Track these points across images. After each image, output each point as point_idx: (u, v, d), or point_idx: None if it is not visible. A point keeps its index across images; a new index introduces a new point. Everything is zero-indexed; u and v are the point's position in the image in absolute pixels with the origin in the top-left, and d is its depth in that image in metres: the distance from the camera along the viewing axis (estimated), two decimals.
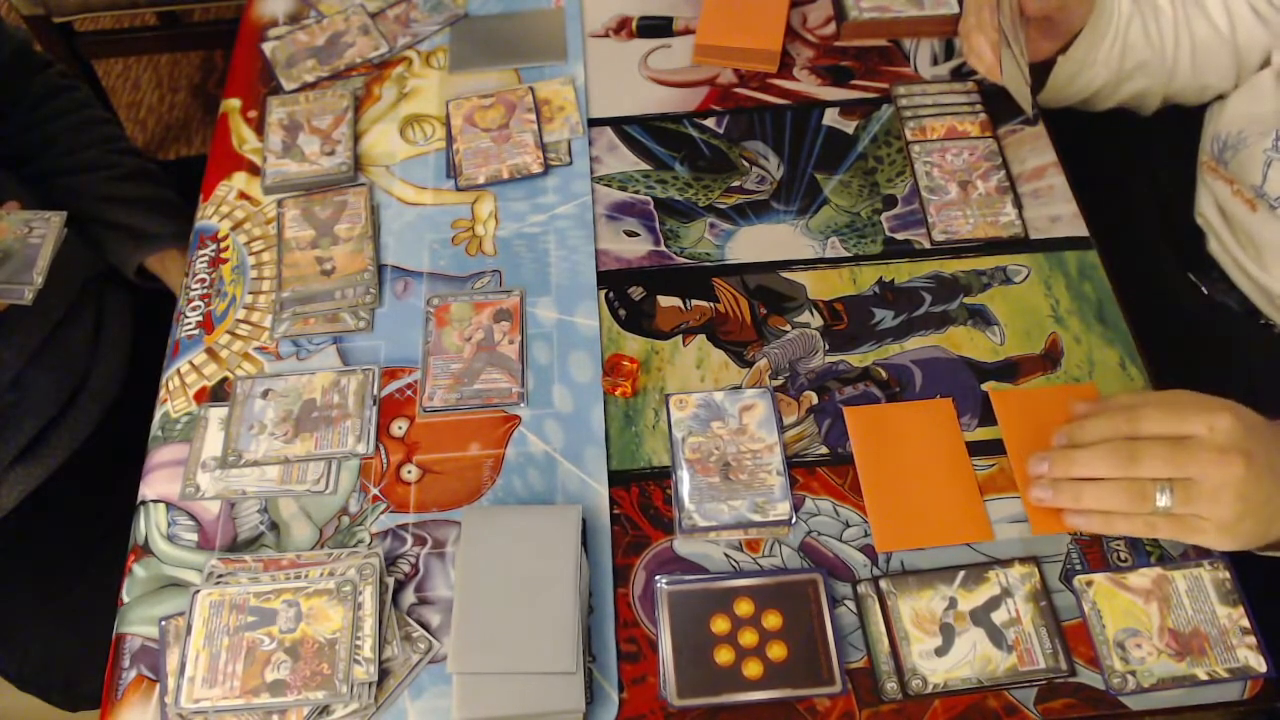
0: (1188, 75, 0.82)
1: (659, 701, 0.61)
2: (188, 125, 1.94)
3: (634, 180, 0.85)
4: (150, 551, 0.67)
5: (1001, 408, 0.71)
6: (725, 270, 0.79)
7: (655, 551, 0.66)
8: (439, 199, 0.84)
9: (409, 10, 0.97)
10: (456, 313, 0.77)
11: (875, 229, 0.81)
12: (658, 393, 0.73)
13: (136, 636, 0.64)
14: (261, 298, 0.79)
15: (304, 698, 0.59)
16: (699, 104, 0.89)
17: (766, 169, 0.85)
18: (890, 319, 0.76)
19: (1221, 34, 0.80)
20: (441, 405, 0.72)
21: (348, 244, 0.80)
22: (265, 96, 0.91)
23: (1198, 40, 0.80)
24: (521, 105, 0.88)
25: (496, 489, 0.69)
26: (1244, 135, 0.81)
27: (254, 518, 0.68)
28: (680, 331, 0.76)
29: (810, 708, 0.60)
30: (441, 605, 0.64)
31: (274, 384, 0.73)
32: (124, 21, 1.95)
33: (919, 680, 0.61)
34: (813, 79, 0.91)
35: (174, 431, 0.72)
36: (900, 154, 0.85)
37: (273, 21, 0.97)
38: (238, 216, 0.84)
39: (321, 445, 0.71)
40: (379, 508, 0.68)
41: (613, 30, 0.96)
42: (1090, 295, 0.77)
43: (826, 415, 0.72)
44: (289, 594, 0.63)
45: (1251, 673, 0.60)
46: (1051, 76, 0.82)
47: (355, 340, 0.76)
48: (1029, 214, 0.81)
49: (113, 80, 2.00)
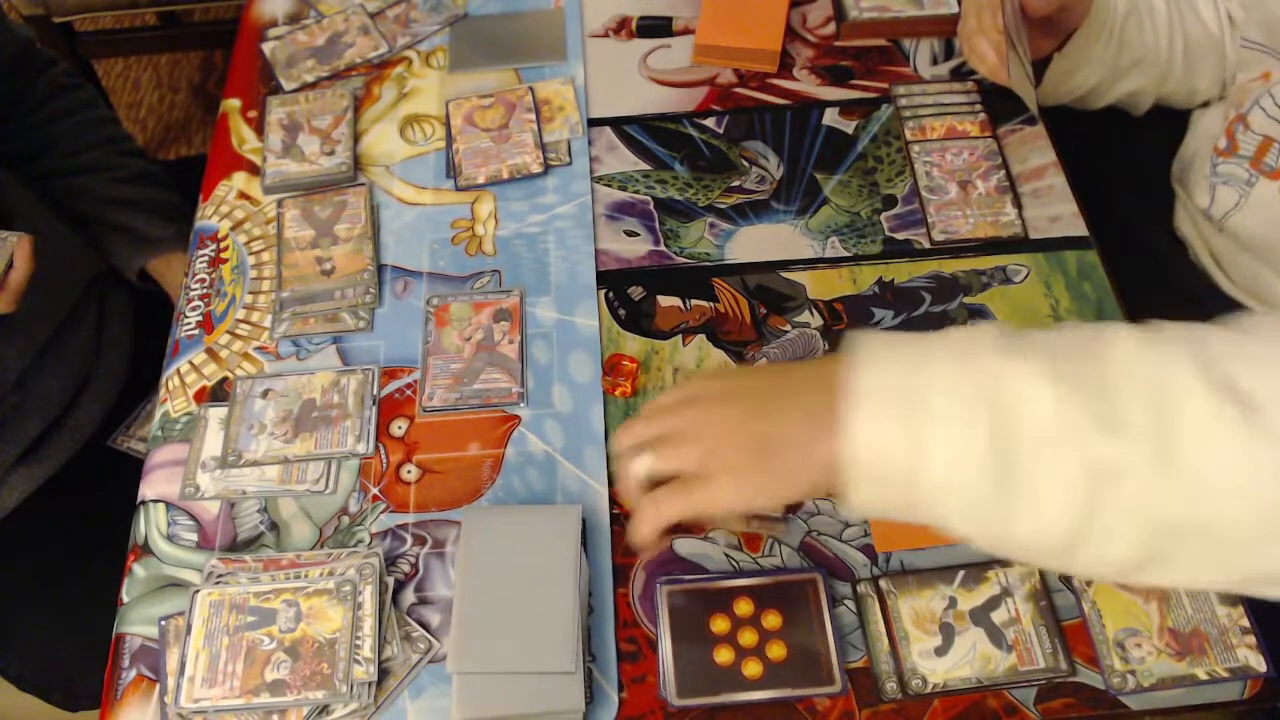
0: (1180, 76, 0.82)
1: (659, 701, 0.61)
2: (188, 125, 1.94)
3: (634, 180, 0.85)
4: (150, 551, 0.67)
5: None
6: (725, 270, 0.79)
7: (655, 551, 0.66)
8: (439, 199, 0.84)
9: (409, 10, 0.97)
10: (456, 313, 0.77)
11: (875, 229, 0.81)
12: (657, 393, 0.73)
13: (136, 636, 0.64)
14: (261, 298, 0.79)
15: (304, 697, 0.59)
16: (699, 104, 0.89)
17: (766, 169, 0.85)
18: (890, 319, 0.76)
19: (1212, 36, 0.81)
20: (441, 405, 0.72)
21: (348, 244, 0.80)
22: (265, 96, 0.91)
23: (1190, 41, 0.81)
24: (521, 105, 0.89)
25: (496, 489, 0.69)
26: (1196, 155, 0.82)
27: (254, 518, 0.68)
28: (680, 331, 0.76)
29: (810, 707, 0.60)
30: (441, 605, 0.64)
31: (274, 384, 0.73)
32: (124, 21, 1.95)
33: (919, 680, 0.61)
34: (812, 79, 0.91)
35: (174, 431, 0.72)
36: (900, 154, 0.85)
37: (273, 21, 0.97)
38: (238, 216, 0.84)
39: (321, 445, 0.71)
40: (379, 507, 0.68)
41: (612, 30, 0.96)
42: (1090, 295, 0.77)
43: None
44: (289, 594, 0.63)
45: (1251, 672, 0.60)
46: (1047, 73, 0.82)
47: (355, 340, 0.76)
48: (1029, 214, 0.81)
49: (113, 80, 2.00)
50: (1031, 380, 0.44)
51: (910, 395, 0.46)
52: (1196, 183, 0.84)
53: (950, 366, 0.46)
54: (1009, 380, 0.45)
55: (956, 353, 0.47)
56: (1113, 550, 0.44)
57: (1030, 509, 0.44)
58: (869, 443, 0.46)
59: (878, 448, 0.46)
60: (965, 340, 0.47)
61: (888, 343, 0.48)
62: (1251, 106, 0.77)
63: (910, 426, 0.45)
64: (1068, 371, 0.44)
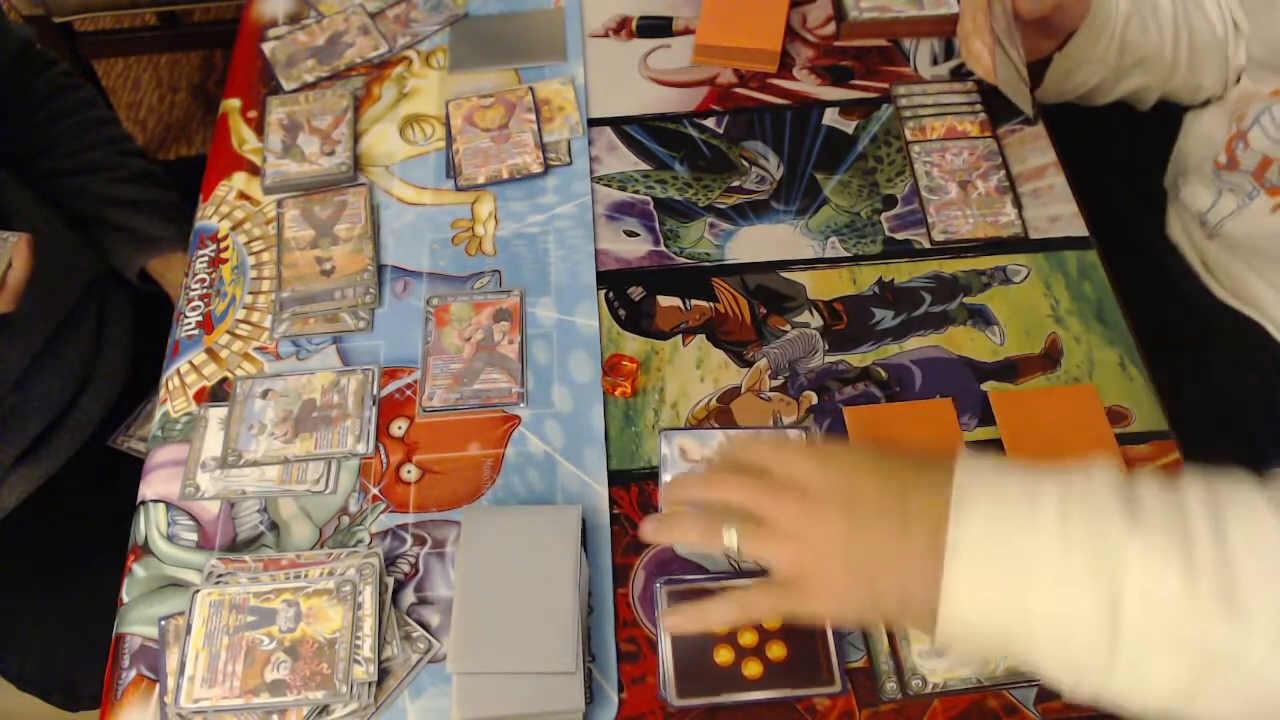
0: (1185, 74, 0.82)
1: (659, 701, 0.61)
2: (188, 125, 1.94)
3: (634, 180, 0.85)
4: (150, 551, 0.67)
5: (1000, 408, 0.71)
6: (725, 270, 0.79)
7: (655, 551, 0.66)
8: (439, 199, 0.84)
9: (409, 10, 0.97)
10: (456, 313, 0.77)
11: (875, 229, 0.81)
12: (657, 393, 0.73)
13: (136, 636, 0.64)
14: (261, 298, 0.79)
15: (303, 697, 0.59)
16: (699, 104, 0.89)
17: (766, 169, 0.85)
18: (890, 319, 0.76)
19: (1216, 34, 0.81)
20: (441, 405, 0.72)
21: (347, 244, 0.80)
22: (265, 96, 0.91)
23: (1196, 38, 0.81)
24: (521, 105, 0.89)
25: (496, 489, 0.69)
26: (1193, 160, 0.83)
27: (254, 518, 0.68)
28: (680, 331, 0.76)
29: (810, 707, 0.60)
30: (441, 605, 0.64)
31: (274, 384, 0.73)
32: (124, 21, 1.95)
33: (919, 680, 0.61)
34: (812, 79, 0.91)
35: (174, 431, 0.72)
36: (900, 154, 0.85)
37: (273, 21, 0.97)
38: (237, 216, 0.84)
39: (321, 445, 0.71)
40: (379, 508, 0.68)
41: (612, 30, 0.96)
42: (1090, 295, 0.77)
43: (826, 415, 0.72)
44: (289, 594, 0.63)
45: None
46: (1048, 73, 0.82)
47: (355, 340, 0.76)
48: (1029, 214, 0.81)
49: (113, 80, 2.00)
50: (1154, 559, 0.42)
51: (1015, 558, 0.44)
52: (1197, 186, 0.84)
53: (1061, 526, 0.44)
54: (1129, 557, 0.43)
55: (1069, 511, 0.45)
56: (1211, 716, 0.44)
57: (1133, 677, 0.43)
58: (970, 604, 0.45)
59: (979, 609, 0.45)
60: (1080, 498, 0.45)
61: (992, 489, 0.46)
62: (1252, 124, 0.77)
63: (1014, 592, 0.44)
64: (1192, 550, 0.43)
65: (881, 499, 0.49)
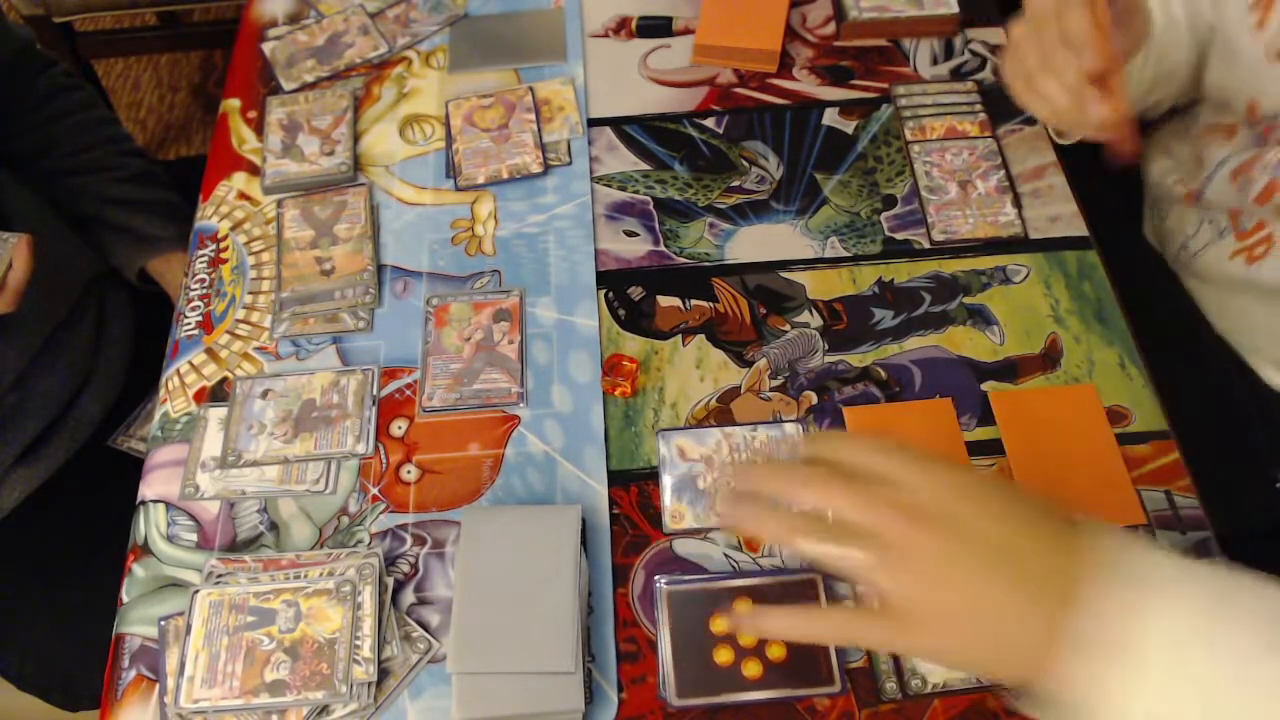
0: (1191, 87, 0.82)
1: (658, 701, 0.61)
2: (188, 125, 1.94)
3: (633, 180, 0.85)
4: (150, 551, 0.67)
5: (1000, 408, 0.71)
6: (725, 270, 0.79)
7: (654, 551, 0.66)
8: (439, 199, 0.84)
9: (409, 10, 0.97)
10: (456, 313, 0.77)
11: (875, 229, 0.81)
12: (657, 393, 0.73)
13: (136, 636, 0.64)
14: (261, 298, 0.79)
15: (303, 698, 0.59)
16: (699, 104, 0.89)
17: (766, 169, 0.85)
18: (890, 319, 0.76)
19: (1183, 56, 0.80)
20: (441, 405, 0.72)
21: (347, 244, 0.80)
22: (265, 96, 0.91)
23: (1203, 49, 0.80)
24: (521, 105, 0.89)
25: (496, 489, 0.69)
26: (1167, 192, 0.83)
27: (253, 518, 0.68)
28: (680, 331, 0.76)
29: (810, 707, 0.60)
30: (441, 605, 0.64)
31: (273, 384, 0.73)
32: (124, 21, 1.95)
33: (918, 680, 0.61)
34: (812, 79, 0.91)
35: (174, 432, 0.72)
36: (900, 154, 0.85)
37: (272, 21, 0.98)
38: (237, 216, 0.84)
39: (321, 445, 0.71)
40: (378, 508, 0.68)
41: (612, 30, 0.96)
42: (1090, 295, 0.77)
43: (826, 415, 0.72)
44: (288, 594, 0.63)
45: None
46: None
47: (355, 340, 0.76)
48: (1028, 214, 0.81)
49: (113, 80, 2.01)
50: None
51: (1130, 654, 0.43)
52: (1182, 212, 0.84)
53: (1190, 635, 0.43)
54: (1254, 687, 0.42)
55: (1203, 633, 0.43)
56: None
57: None
58: (1077, 690, 0.44)
59: (1082, 693, 0.44)
60: (1219, 617, 0.43)
61: (1117, 586, 0.44)
62: (1210, 178, 0.78)
63: (1123, 686, 0.43)
64: None
65: (1004, 547, 0.46)
